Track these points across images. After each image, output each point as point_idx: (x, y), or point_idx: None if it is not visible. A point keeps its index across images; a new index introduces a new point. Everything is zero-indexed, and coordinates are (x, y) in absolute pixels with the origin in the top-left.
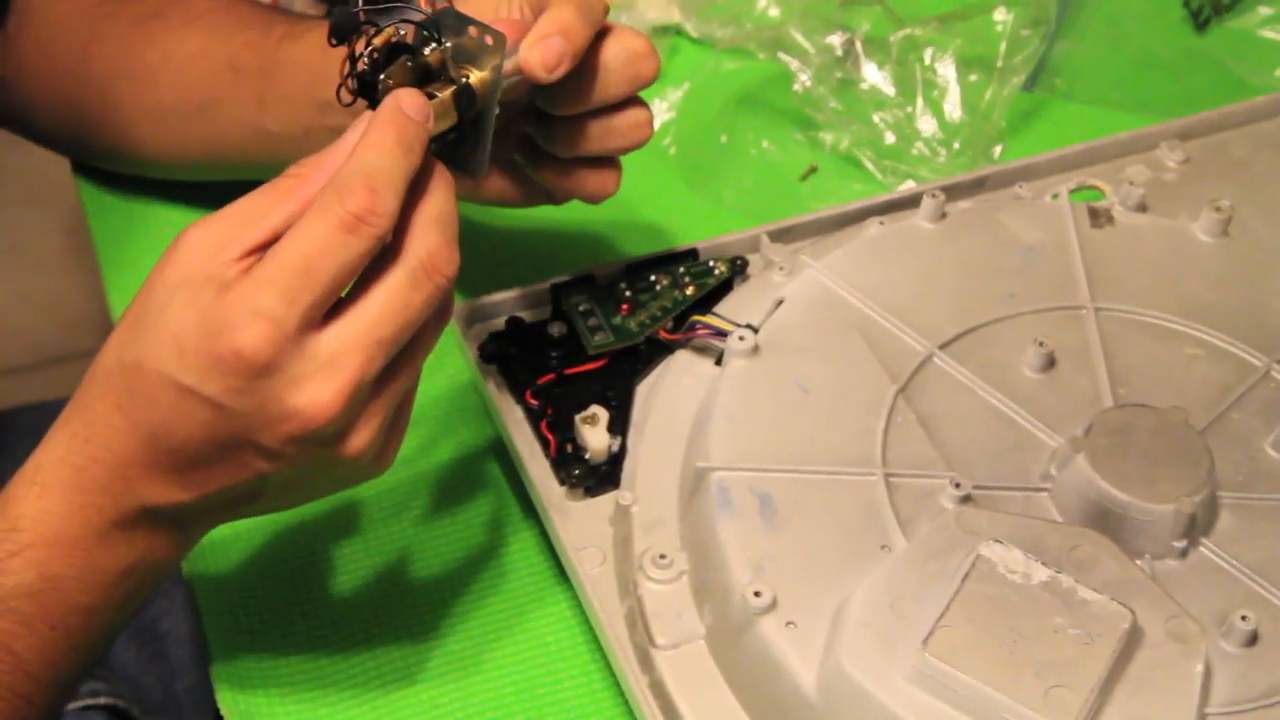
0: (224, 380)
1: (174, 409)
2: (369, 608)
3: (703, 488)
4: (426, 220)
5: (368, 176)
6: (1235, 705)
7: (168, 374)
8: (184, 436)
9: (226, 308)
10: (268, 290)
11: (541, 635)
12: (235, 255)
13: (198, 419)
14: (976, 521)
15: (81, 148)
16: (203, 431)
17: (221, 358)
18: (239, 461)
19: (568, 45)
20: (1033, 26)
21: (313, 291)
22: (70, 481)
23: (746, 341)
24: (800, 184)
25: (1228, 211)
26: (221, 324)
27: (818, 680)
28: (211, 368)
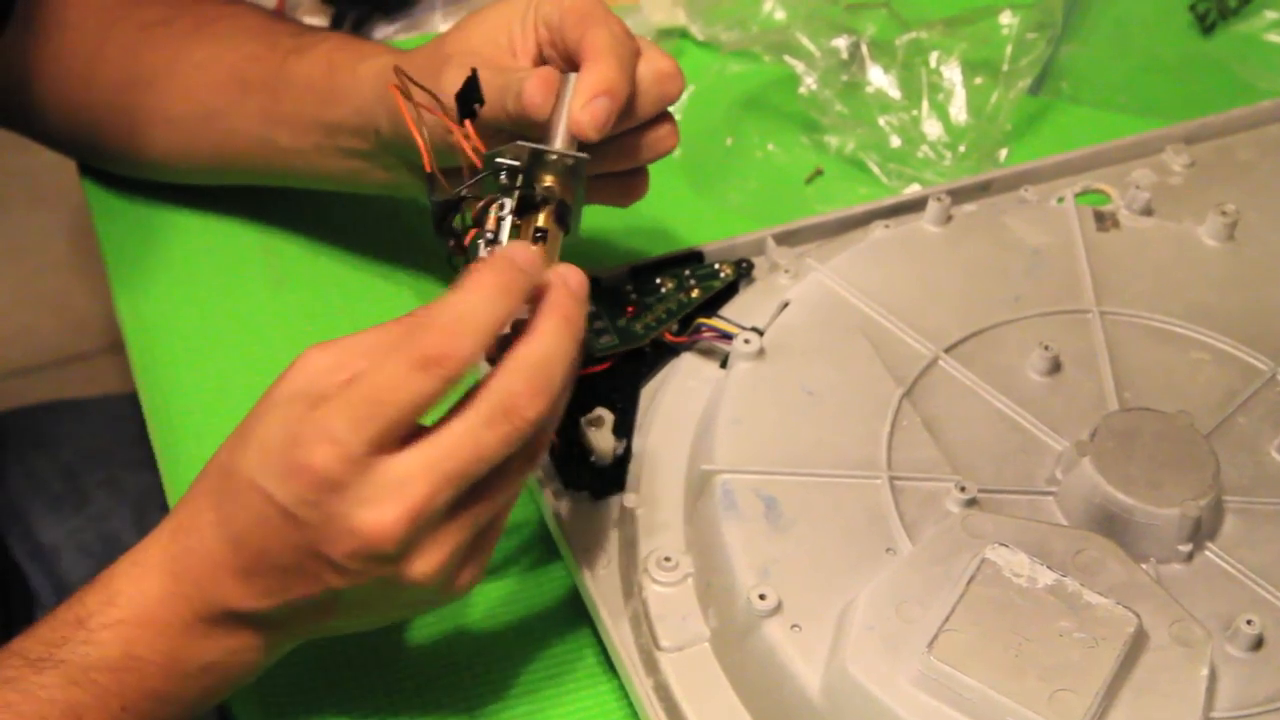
0: (296, 490)
1: (255, 512)
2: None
3: (708, 490)
4: (518, 362)
5: (451, 321)
6: (1241, 709)
7: (252, 477)
8: (262, 541)
9: (308, 425)
10: (340, 415)
11: (546, 637)
12: (341, 379)
13: (274, 524)
14: (982, 525)
15: (90, 151)
16: (278, 538)
17: (294, 469)
18: (311, 573)
19: (614, 104)
20: (1038, 30)
21: (377, 421)
22: (166, 568)
23: (752, 344)
24: (805, 187)
25: (1233, 215)
26: (300, 438)
27: (822, 683)
28: (286, 477)
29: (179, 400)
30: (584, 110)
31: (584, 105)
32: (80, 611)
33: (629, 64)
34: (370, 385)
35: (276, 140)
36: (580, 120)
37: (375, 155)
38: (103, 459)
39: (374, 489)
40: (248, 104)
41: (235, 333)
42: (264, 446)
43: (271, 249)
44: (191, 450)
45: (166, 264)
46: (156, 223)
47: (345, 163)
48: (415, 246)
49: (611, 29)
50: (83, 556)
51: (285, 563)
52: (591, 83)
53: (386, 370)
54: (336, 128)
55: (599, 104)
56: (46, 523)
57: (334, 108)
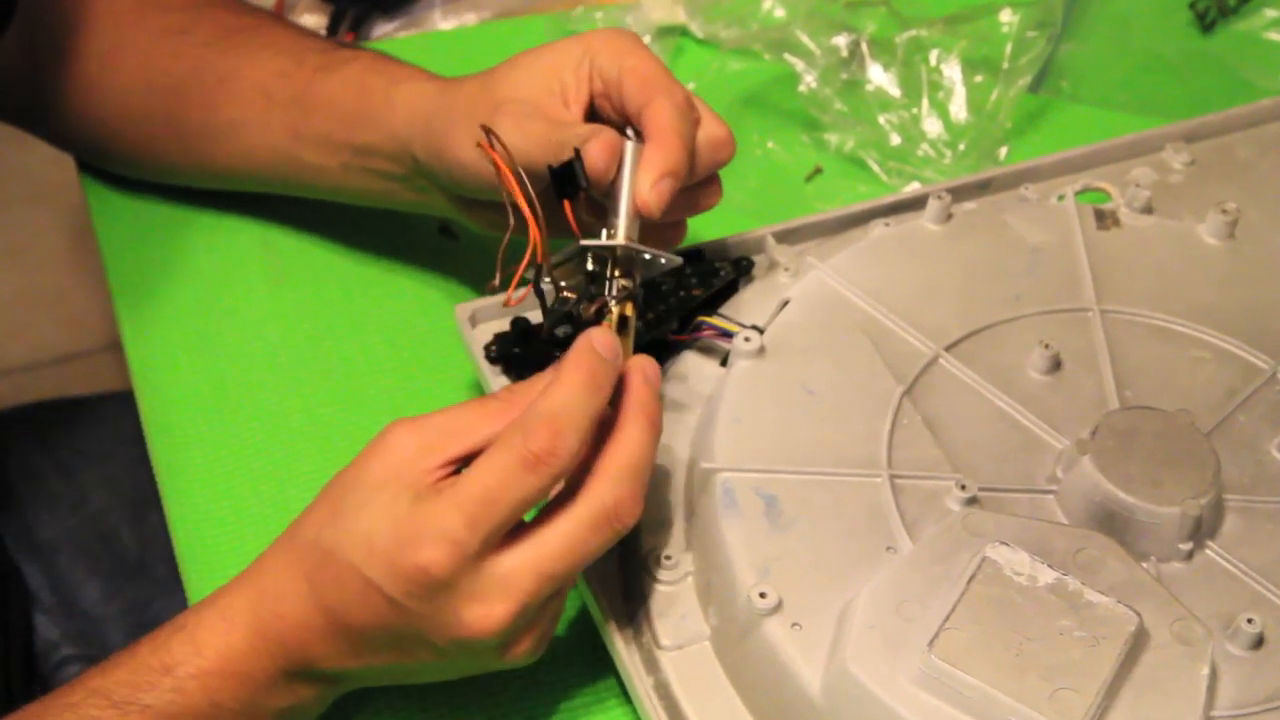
0: (406, 587)
1: (357, 596)
2: None
3: (708, 489)
4: (620, 469)
5: (554, 418)
6: (1241, 708)
7: (357, 567)
8: (362, 620)
9: (418, 523)
10: (454, 515)
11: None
12: (435, 465)
13: (377, 610)
14: (982, 523)
15: (97, 152)
16: (379, 620)
17: (407, 569)
18: (406, 649)
19: (678, 184)
20: (1038, 28)
21: (491, 521)
22: (254, 627)
23: (752, 342)
24: (805, 185)
25: (1234, 214)
26: (411, 537)
27: (823, 682)
28: (397, 574)
29: (176, 398)
30: (651, 191)
31: (652, 186)
32: (166, 660)
33: (691, 139)
34: (482, 485)
35: (301, 156)
36: (648, 202)
37: (407, 179)
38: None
39: (482, 586)
40: (272, 118)
41: (233, 330)
42: (369, 539)
43: (270, 246)
44: (188, 449)
45: (165, 262)
46: (155, 221)
47: (373, 183)
48: (414, 243)
49: (675, 101)
50: (80, 555)
51: (385, 639)
52: (659, 163)
53: (497, 469)
54: (367, 150)
55: (665, 185)
56: (44, 521)
57: (365, 131)
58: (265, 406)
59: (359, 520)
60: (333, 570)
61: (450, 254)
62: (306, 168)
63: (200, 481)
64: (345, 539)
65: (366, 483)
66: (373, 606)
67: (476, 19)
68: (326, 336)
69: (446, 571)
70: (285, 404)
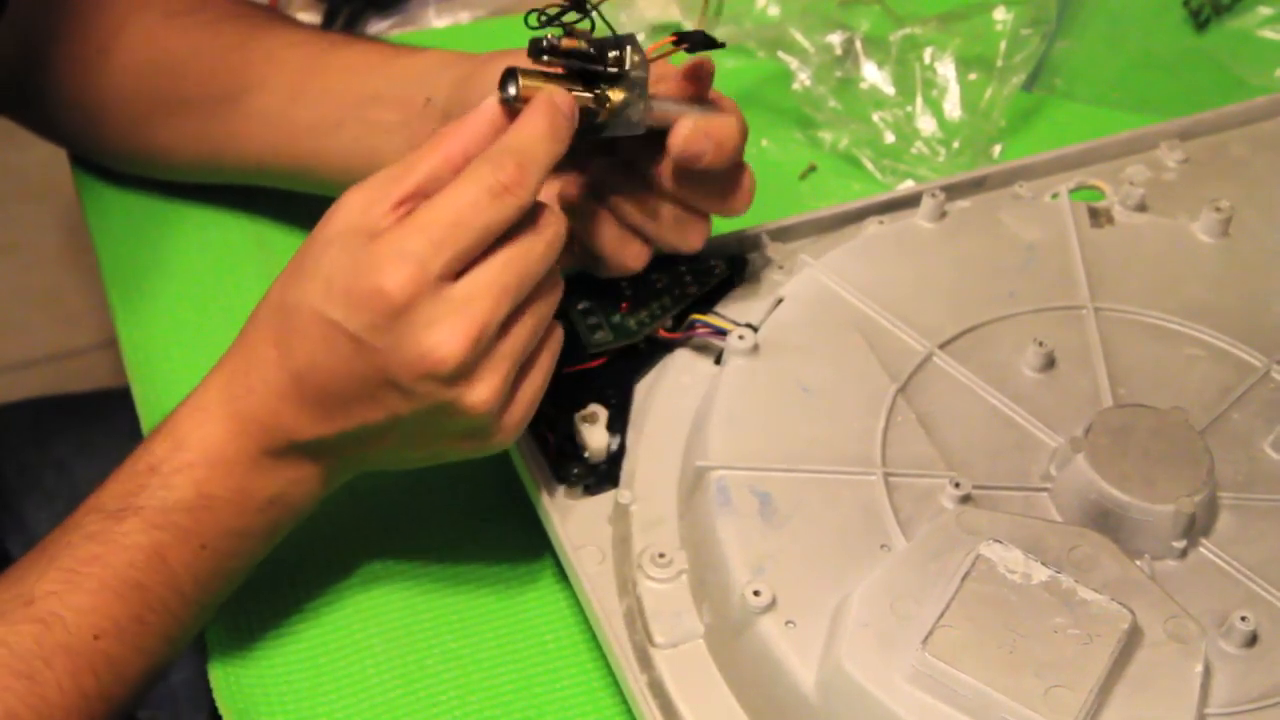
0: (365, 316)
1: (321, 343)
2: (367, 606)
3: (702, 487)
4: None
5: (519, 154)
6: (1235, 706)
7: (317, 309)
8: (328, 370)
9: (376, 250)
10: (418, 236)
11: (540, 634)
12: (389, 206)
13: (340, 353)
14: (976, 521)
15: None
16: (344, 366)
17: (365, 294)
18: (375, 399)
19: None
20: (1033, 26)
21: (457, 243)
22: (228, 409)
23: (746, 340)
24: (800, 183)
25: (1227, 211)
26: (370, 264)
27: (817, 680)
28: (355, 304)
29: (172, 394)
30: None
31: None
32: (150, 460)
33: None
34: (449, 209)
35: (296, 117)
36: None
37: (407, 125)
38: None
39: (441, 310)
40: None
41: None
42: (328, 279)
43: (264, 242)
44: None
45: (159, 258)
46: (149, 217)
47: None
48: None
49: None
50: None
51: (350, 390)
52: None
53: (465, 196)
54: (374, 97)
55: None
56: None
57: (378, 78)
58: None
59: (319, 268)
60: (296, 322)
61: None
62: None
63: None
64: (307, 287)
65: (324, 237)
66: (336, 350)
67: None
68: None
69: (407, 293)
70: None
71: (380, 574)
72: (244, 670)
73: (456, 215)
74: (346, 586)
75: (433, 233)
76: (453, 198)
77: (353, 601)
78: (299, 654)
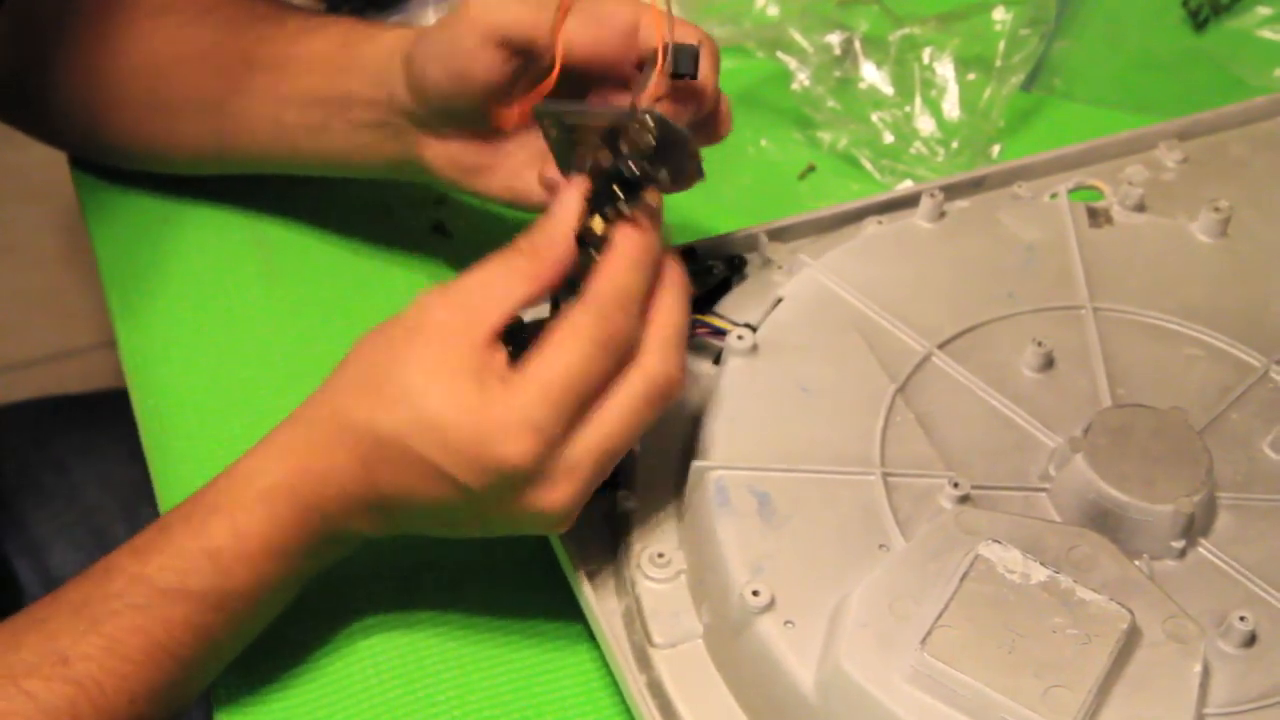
0: (484, 479)
1: (424, 482)
2: (365, 606)
3: (701, 487)
4: (666, 339)
5: (623, 299)
6: (1234, 706)
7: (429, 459)
8: (422, 501)
9: (498, 413)
10: (541, 404)
11: (539, 633)
12: (483, 338)
13: (443, 496)
14: (975, 521)
15: (84, 142)
16: (442, 503)
17: (488, 462)
18: (457, 522)
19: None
20: (1031, 26)
21: (575, 405)
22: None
23: (745, 340)
24: (798, 183)
25: (1226, 212)
26: (494, 431)
27: (816, 680)
28: (475, 468)
29: (170, 395)
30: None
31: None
32: (208, 544)
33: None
34: (565, 370)
35: (283, 119)
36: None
37: (386, 124)
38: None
39: (555, 472)
40: (255, 83)
41: (227, 327)
42: (442, 432)
43: (263, 242)
44: (182, 445)
45: (158, 259)
46: (148, 218)
47: (353, 137)
48: (407, 241)
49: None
50: (73, 550)
51: (436, 517)
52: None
53: (577, 353)
54: (348, 99)
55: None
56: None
57: (348, 78)
58: (259, 403)
59: (422, 407)
60: (396, 458)
61: (443, 251)
62: (289, 131)
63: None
64: (411, 429)
65: (414, 363)
66: (439, 493)
67: None
68: (320, 333)
69: (533, 462)
70: (278, 400)
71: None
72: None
73: (570, 378)
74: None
75: (551, 395)
76: (567, 358)
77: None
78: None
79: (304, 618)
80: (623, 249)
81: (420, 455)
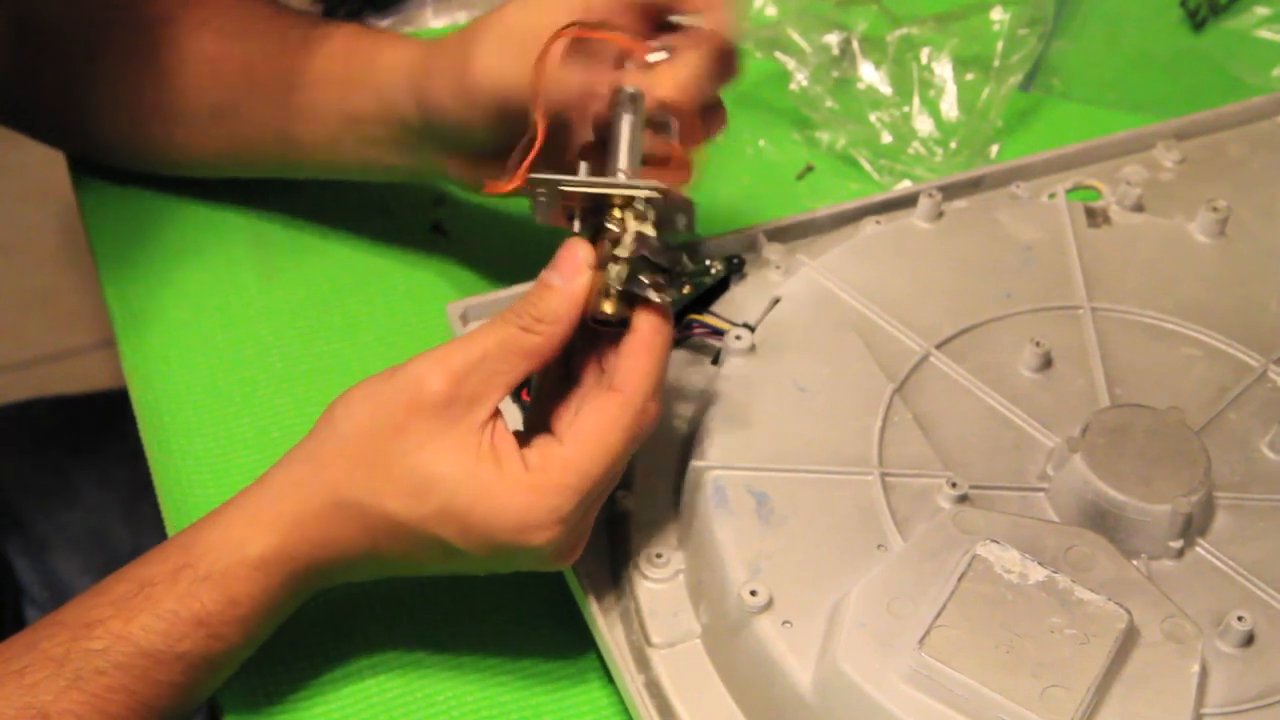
0: (501, 555)
1: (433, 554)
2: (365, 607)
3: (699, 487)
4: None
5: (656, 390)
6: (1232, 705)
7: (447, 541)
8: (429, 565)
9: (523, 507)
10: (573, 499)
11: (538, 633)
12: (486, 416)
13: (450, 558)
14: (973, 521)
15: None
16: (446, 564)
17: (510, 545)
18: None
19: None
20: (1030, 26)
21: (598, 497)
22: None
23: (743, 340)
24: (797, 183)
25: (1224, 211)
26: (519, 525)
27: (814, 679)
28: (495, 548)
29: (169, 395)
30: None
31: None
32: (199, 612)
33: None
34: (604, 466)
35: (293, 133)
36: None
37: (397, 140)
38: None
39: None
40: (260, 97)
41: (225, 327)
42: (462, 519)
43: (262, 243)
44: (182, 445)
45: (156, 259)
46: (146, 217)
47: (365, 151)
48: (406, 240)
49: None
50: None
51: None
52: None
53: (617, 449)
54: (357, 117)
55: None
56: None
57: (354, 97)
58: (258, 402)
59: (441, 496)
60: (409, 537)
61: (442, 250)
62: (298, 144)
63: (194, 477)
64: (430, 518)
65: (423, 445)
66: (445, 556)
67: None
68: (318, 333)
69: (556, 544)
70: (277, 400)
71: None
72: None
73: (606, 472)
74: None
75: (584, 489)
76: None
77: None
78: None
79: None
80: (650, 342)
81: (439, 538)
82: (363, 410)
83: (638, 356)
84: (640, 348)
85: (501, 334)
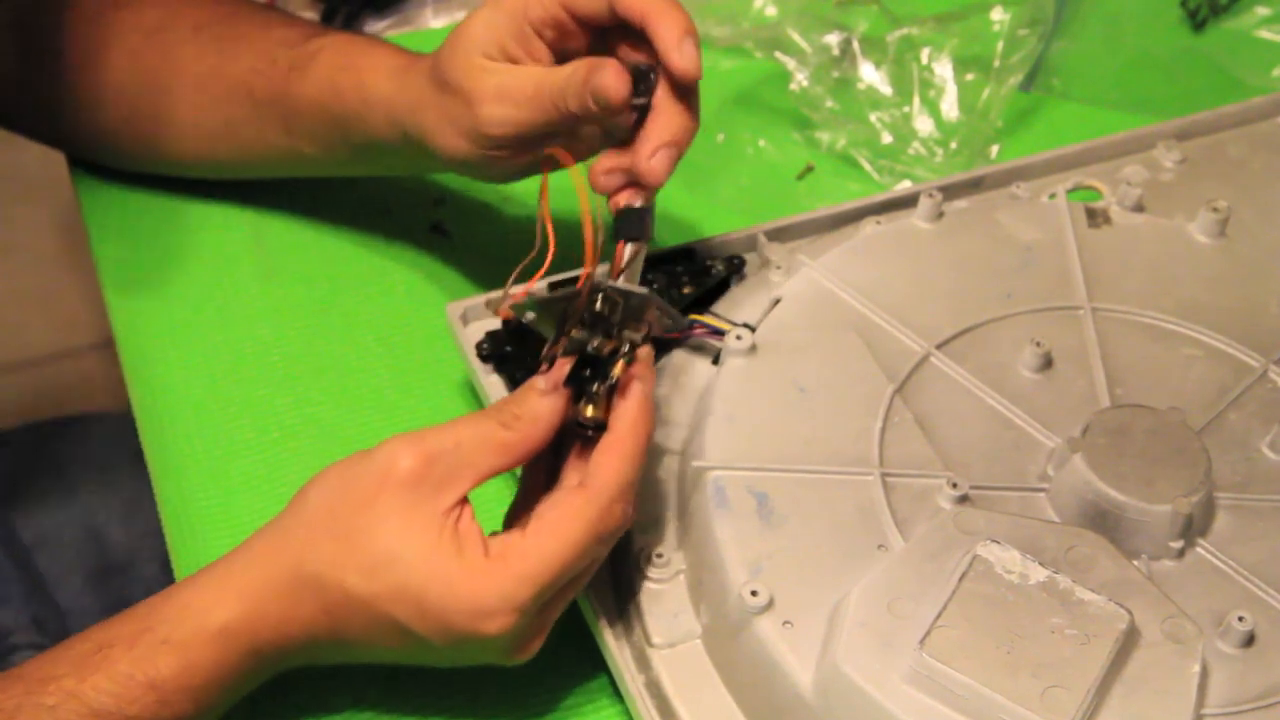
0: (457, 643)
1: (391, 637)
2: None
3: (700, 487)
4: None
5: (624, 493)
6: (1232, 706)
7: (402, 622)
8: (385, 649)
9: (479, 594)
10: (531, 589)
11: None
12: (453, 502)
13: (408, 646)
14: (974, 521)
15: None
16: (406, 652)
17: (466, 633)
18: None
19: (679, 153)
20: (1030, 26)
21: (559, 591)
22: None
23: (743, 341)
24: (797, 183)
25: (1225, 212)
26: (474, 611)
27: (814, 680)
28: (451, 635)
29: (169, 395)
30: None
31: (652, 153)
32: (154, 676)
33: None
34: (561, 564)
35: (302, 150)
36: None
37: (399, 151)
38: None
39: (528, 631)
40: (260, 115)
41: (225, 327)
42: (418, 601)
43: (262, 242)
44: (181, 445)
45: (156, 259)
46: (146, 218)
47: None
48: (406, 240)
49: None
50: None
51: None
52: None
53: (578, 550)
54: (363, 147)
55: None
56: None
57: (353, 131)
58: (257, 403)
59: (398, 575)
60: (366, 616)
61: (442, 251)
62: (308, 160)
63: (192, 478)
64: (386, 596)
65: (386, 521)
66: (407, 645)
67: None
68: (318, 333)
69: (511, 634)
70: (277, 400)
71: None
72: None
73: (566, 567)
74: None
75: (542, 582)
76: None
77: None
78: None
79: None
80: (623, 442)
81: (394, 618)
82: (335, 484)
83: (609, 453)
84: (613, 446)
85: (480, 425)
